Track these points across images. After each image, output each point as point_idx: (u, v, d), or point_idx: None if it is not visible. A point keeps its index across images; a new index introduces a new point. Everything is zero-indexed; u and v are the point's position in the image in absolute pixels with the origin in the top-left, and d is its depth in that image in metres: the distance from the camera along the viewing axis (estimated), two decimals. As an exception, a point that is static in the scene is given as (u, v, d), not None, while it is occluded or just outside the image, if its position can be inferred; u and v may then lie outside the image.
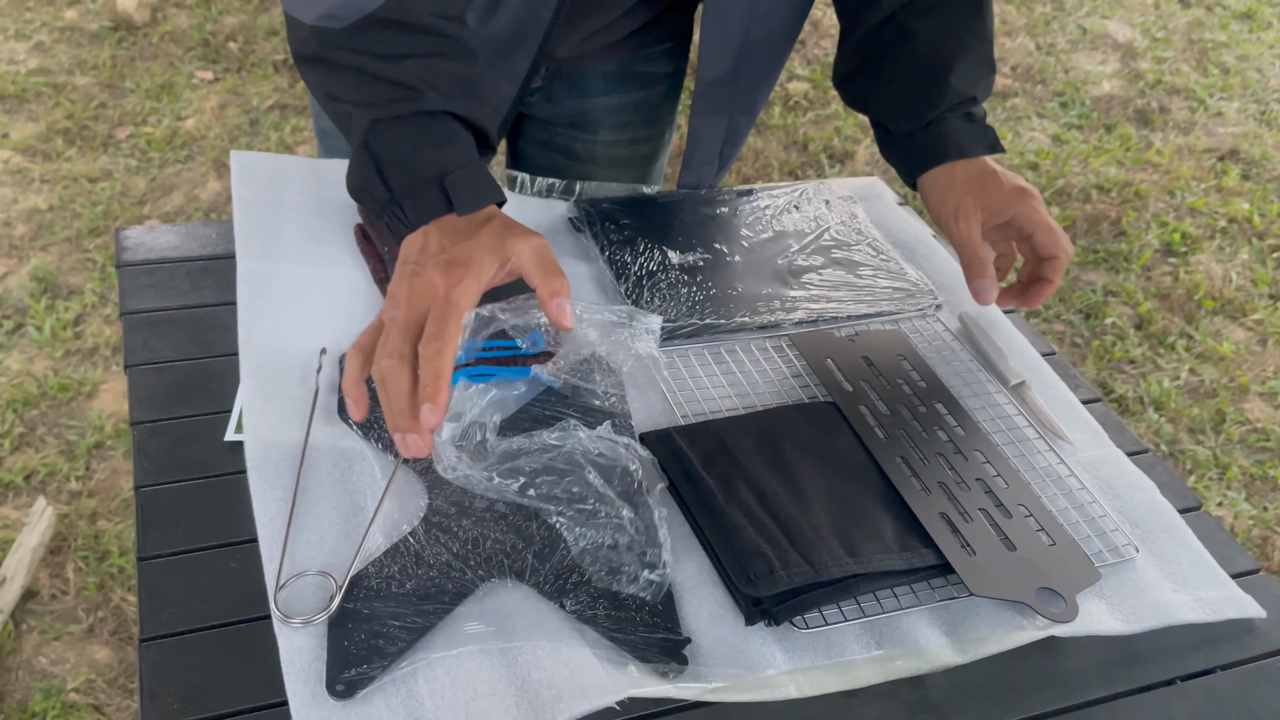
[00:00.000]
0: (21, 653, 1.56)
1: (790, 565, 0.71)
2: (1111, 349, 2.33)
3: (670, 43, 1.14)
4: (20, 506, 1.74)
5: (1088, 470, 0.85)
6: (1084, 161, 2.93)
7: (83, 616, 1.61)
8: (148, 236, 0.96)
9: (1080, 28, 3.60)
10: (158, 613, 0.67)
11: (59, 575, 1.66)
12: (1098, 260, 2.59)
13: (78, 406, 1.92)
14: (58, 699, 1.50)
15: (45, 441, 1.85)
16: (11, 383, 1.95)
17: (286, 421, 0.78)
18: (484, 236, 0.74)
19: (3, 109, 2.68)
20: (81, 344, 2.04)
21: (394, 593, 0.68)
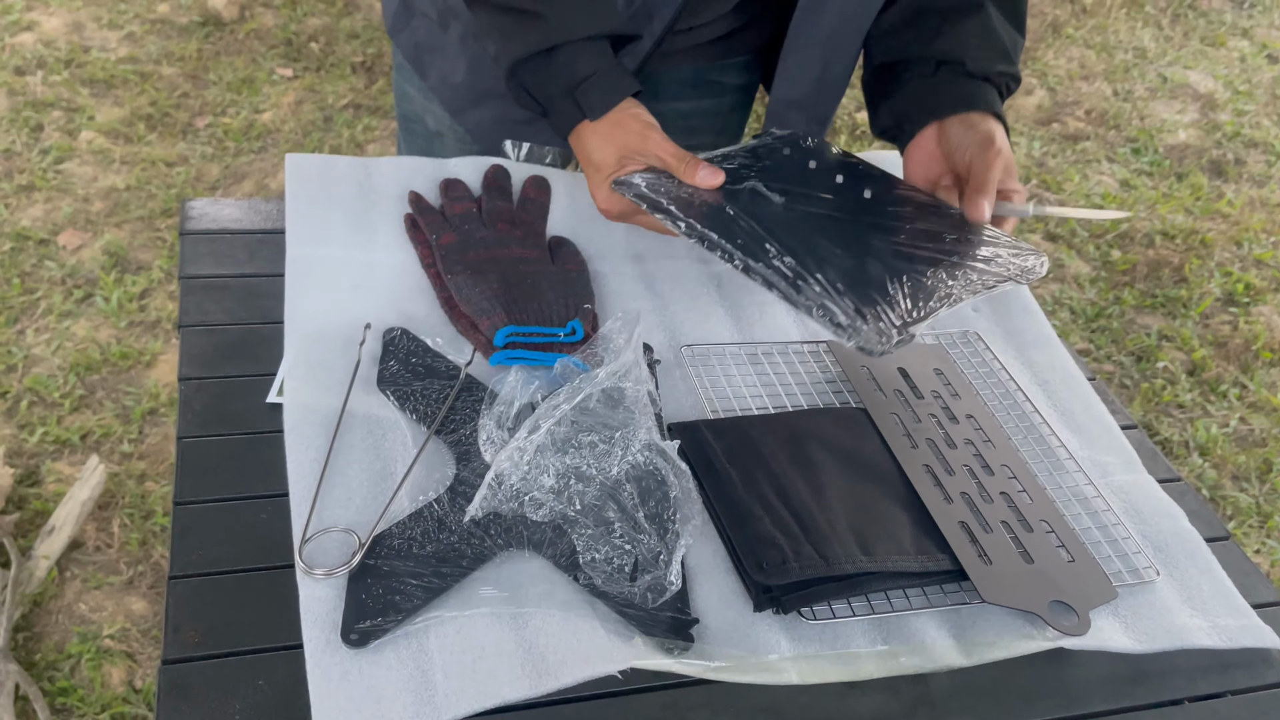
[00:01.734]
0: (63, 598, 1.64)
1: (803, 557, 0.71)
2: (1161, 392, 2.29)
3: (747, 56, 1.15)
4: (75, 464, 1.82)
5: (1116, 494, 0.84)
6: (1151, 207, 2.89)
7: (123, 569, 1.68)
8: (211, 208, 1.00)
9: (1161, 76, 3.56)
10: (188, 553, 0.70)
11: (105, 529, 1.73)
12: (1155, 305, 2.55)
13: (137, 374, 1.99)
14: (93, 644, 1.57)
15: (103, 405, 1.93)
16: (77, 347, 2.02)
17: (326, 389, 0.81)
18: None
19: (91, 93, 2.79)
20: (145, 316, 2.11)
21: (414, 553, 0.70)
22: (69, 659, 1.55)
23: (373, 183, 1.00)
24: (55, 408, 1.92)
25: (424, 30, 1.08)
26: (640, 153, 0.88)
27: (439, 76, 1.09)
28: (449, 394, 0.82)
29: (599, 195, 0.90)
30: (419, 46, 1.10)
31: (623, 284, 0.97)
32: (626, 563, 0.71)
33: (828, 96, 1.07)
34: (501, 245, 0.95)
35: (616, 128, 0.89)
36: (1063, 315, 2.49)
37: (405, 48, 1.11)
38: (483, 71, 1.05)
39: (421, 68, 1.11)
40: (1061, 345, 1.00)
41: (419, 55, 1.10)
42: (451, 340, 0.88)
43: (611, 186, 0.88)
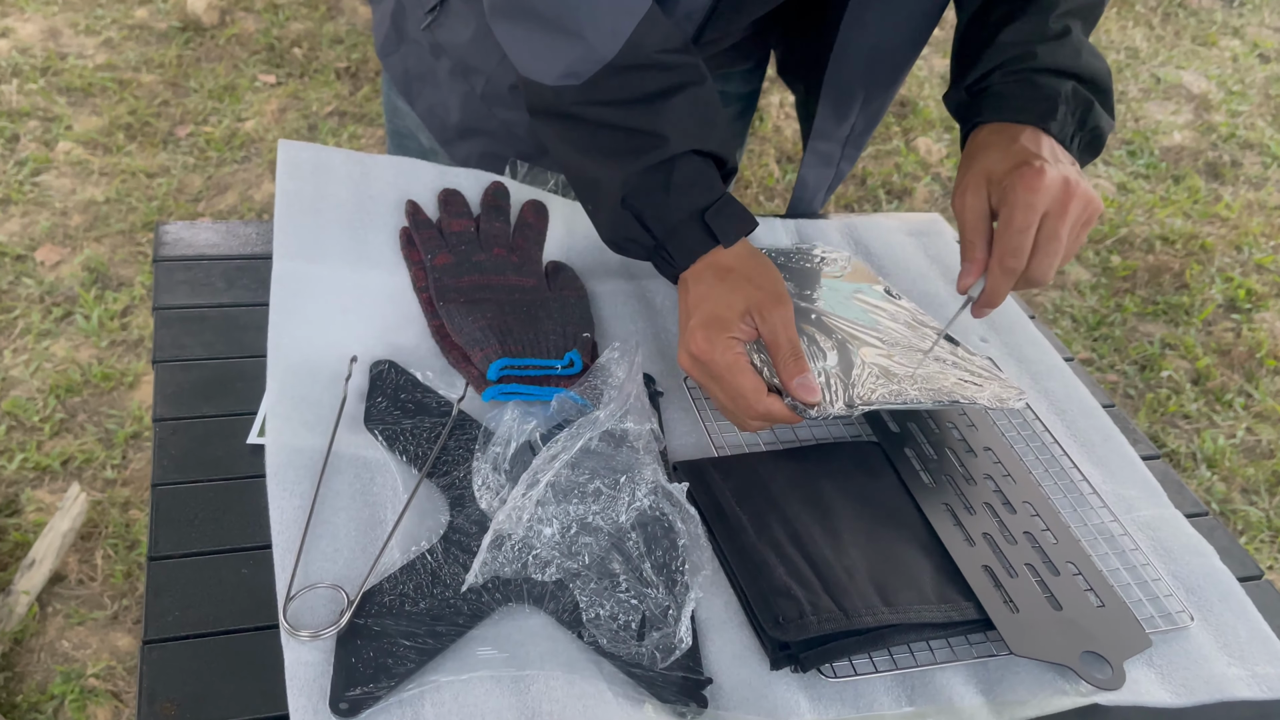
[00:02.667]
0: (45, 635, 1.57)
1: (821, 610, 0.67)
2: (1166, 403, 2.26)
3: (750, 64, 1.12)
4: (55, 491, 1.75)
5: (1143, 530, 0.80)
6: (1149, 212, 2.86)
7: (107, 603, 1.62)
8: (187, 232, 0.95)
9: (1154, 77, 3.54)
10: (164, 614, 0.65)
11: (87, 561, 1.67)
12: (1157, 312, 2.52)
13: (119, 396, 1.93)
14: (77, 683, 1.50)
15: (84, 429, 1.87)
16: (56, 369, 1.96)
17: (310, 428, 0.76)
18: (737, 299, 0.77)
19: (68, 102, 2.72)
20: (127, 335, 2.05)
21: (407, 611, 0.66)
22: (52, 700, 1.49)
23: (369, 183, 0.96)
24: (35, 432, 1.86)
25: (414, 57, 1.04)
26: (765, 317, 0.76)
27: (427, 106, 1.05)
28: (440, 433, 0.78)
29: (705, 339, 0.76)
30: (409, 73, 1.05)
31: (621, 304, 0.94)
32: (633, 619, 0.66)
33: (862, 125, 1.05)
34: (497, 271, 0.91)
35: (752, 280, 0.78)
36: (1064, 324, 2.46)
37: (395, 72, 1.07)
38: (473, 109, 1.00)
39: (410, 95, 1.06)
40: (1075, 374, 0.96)
41: (408, 82, 1.06)
42: (443, 373, 0.83)
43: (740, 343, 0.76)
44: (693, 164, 0.80)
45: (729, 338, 0.76)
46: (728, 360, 0.76)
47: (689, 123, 0.80)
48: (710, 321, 0.76)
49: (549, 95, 0.81)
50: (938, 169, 2.95)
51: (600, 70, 0.78)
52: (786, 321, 0.76)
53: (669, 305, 0.94)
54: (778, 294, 0.78)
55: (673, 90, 0.79)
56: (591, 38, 0.77)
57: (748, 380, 0.75)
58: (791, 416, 0.75)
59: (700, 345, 0.76)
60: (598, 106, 0.79)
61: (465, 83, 0.99)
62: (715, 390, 0.78)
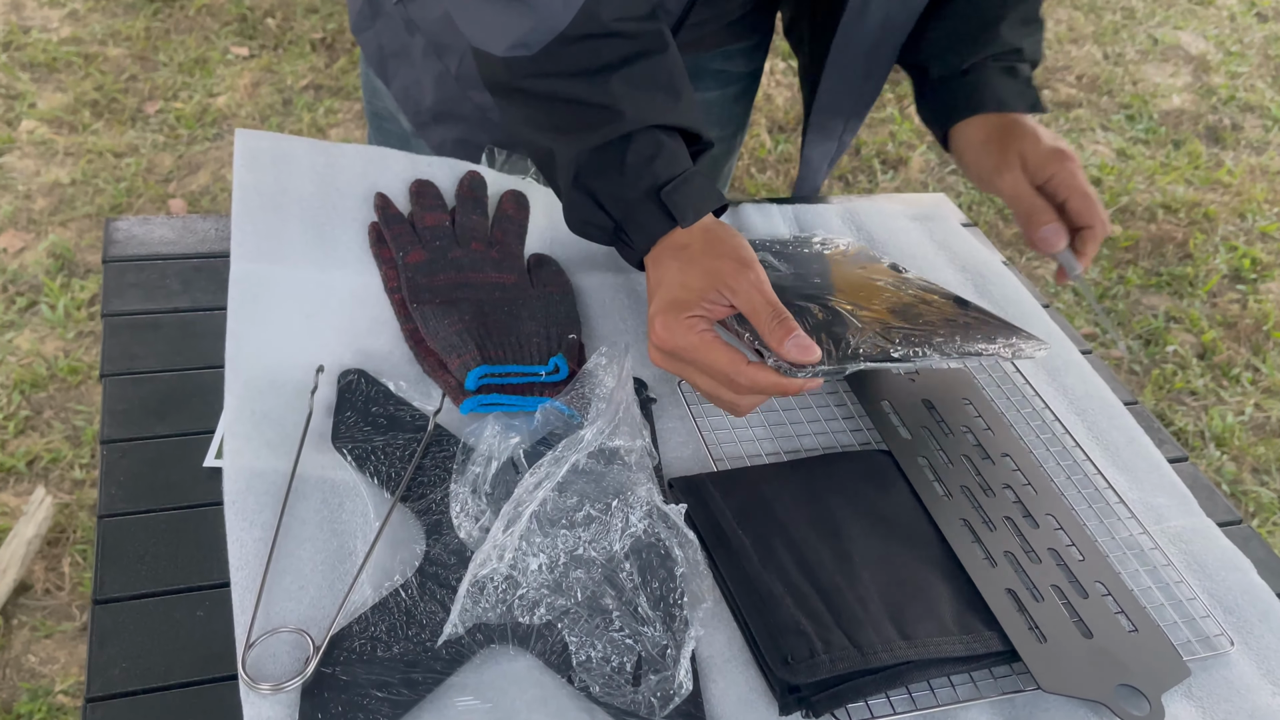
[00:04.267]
0: (11, 649, 1.49)
1: (833, 648, 0.61)
2: (1172, 379, 2.20)
3: (751, 40, 1.05)
4: (21, 493, 1.68)
5: (1174, 543, 0.75)
6: (1150, 179, 2.79)
7: (76, 614, 1.55)
8: (140, 228, 0.88)
9: (1151, 38, 3.46)
10: (109, 667, 0.59)
11: (55, 569, 1.60)
12: (1160, 284, 2.46)
13: (86, 391, 1.85)
14: (45, 701, 1.43)
15: (51, 426, 1.79)
16: (20, 362, 1.88)
17: (273, 448, 0.70)
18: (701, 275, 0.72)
19: (32, 78, 2.62)
20: (95, 325, 1.97)
21: (379, 656, 0.60)
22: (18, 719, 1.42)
23: (334, 175, 0.89)
24: (-2, 431, 1.79)
25: (389, 33, 0.96)
26: (734, 287, 0.71)
27: (402, 87, 0.98)
28: (415, 450, 0.72)
29: (664, 325, 0.71)
30: (383, 50, 0.98)
31: (607, 298, 0.87)
32: (628, 661, 0.61)
33: (866, 99, 1.01)
34: (475, 268, 0.84)
35: (709, 252, 0.73)
36: (1066, 297, 2.39)
37: (369, 49, 1.00)
38: (447, 91, 0.93)
39: (385, 74, 0.99)
40: (1094, 368, 0.90)
41: (383, 60, 0.99)
42: (417, 382, 0.77)
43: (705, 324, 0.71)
44: (652, 139, 0.74)
45: (688, 318, 0.70)
46: (691, 341, 0.70)
47: (647, 95, 0.74)
48: (667, 306, 0.71)
49: (500, 68, 0.75)
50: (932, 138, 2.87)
51: (553, 41, 0.72)
52: (759, 284, 0.70)
53: (661, 301, 0.88)
54: (741, 259, 0.72)
55: (630, 59, 0.74)
56: (542, 6, 0.71)
57: (720, 355, 0.69)
58: (781, 383, 0.69)
59: (660, 334, 0.71)
60: (550, 79, 0.74)
61: (439, 62, 0.92)
62: (693, 376, 0.72)
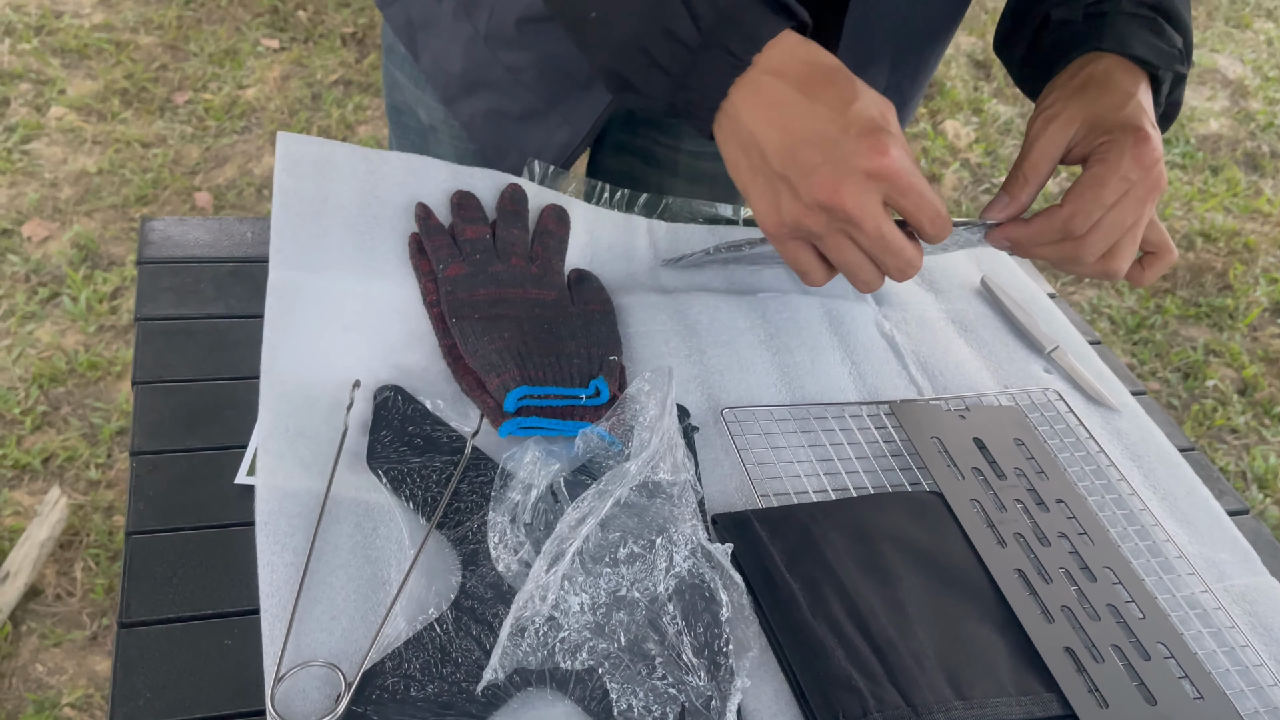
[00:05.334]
0: (18, 657, 1.46)
1: (886, 705, 0.58)
2: (1212, 415, 2.16)
3: None
4: (35, 492, 1.65)
5: (1238, 603, 0.72)
6: (1187, 205, 2.75)
7: (86, 622, 1.52)
8: (175, 230, 0.86)
9: (1185, 59, 3.42)
10: (134, 697, 0.57)
11: (66, 574, 1.57)
12: (1200, 315, 2.42)
13: (105, 388, 1.83)
14: (51, 713, 1.39)
15: (68, 423, 1.77)
16: (40, 355, 1.86)
17: (306, 467, 0.67)
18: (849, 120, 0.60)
19: (62, 63, 2.62)
20: (116, 320, 1.96)
21: (412, 697, 0.57)
22: None
23: (375, 183, 0.87)
24: (15, 426, 1.75)
25: (417, 4, 0.94)
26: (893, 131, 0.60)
27: (432, 58, 0.95)
28: (452, 474, 0.69)
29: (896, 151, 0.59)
30: (411, 23, 0.95)
31: (649, 317, 0.84)
32: (671, 712, 0.58)
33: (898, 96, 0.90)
34: (515, 284, 0.82)
35: (844, 69, 0.61)
36: (1102, 325, 2.36)
37: (396, 23, 0.97)
38: (477, 55, 0.90)
39: (414, 47, 0.96)
40: (1149, 412, 0.87)
41: (411, 33, 0.96)
42: (455, 401, 0.75)
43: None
44: None
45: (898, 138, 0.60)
46: (911, 166, 0.60)
47: None
48: (872, 128, 0.59)
49: None
50: (966, 154, 2.84)
51: None
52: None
53: (707, 322, 0.85)
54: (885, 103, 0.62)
55: None
56: None
57: (930, 193, 0.61)
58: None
59: (880, 156, 0.59)
60: None
61: (468, 23, 0.89)
62: (847, 253, 0.62)
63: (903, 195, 0.61)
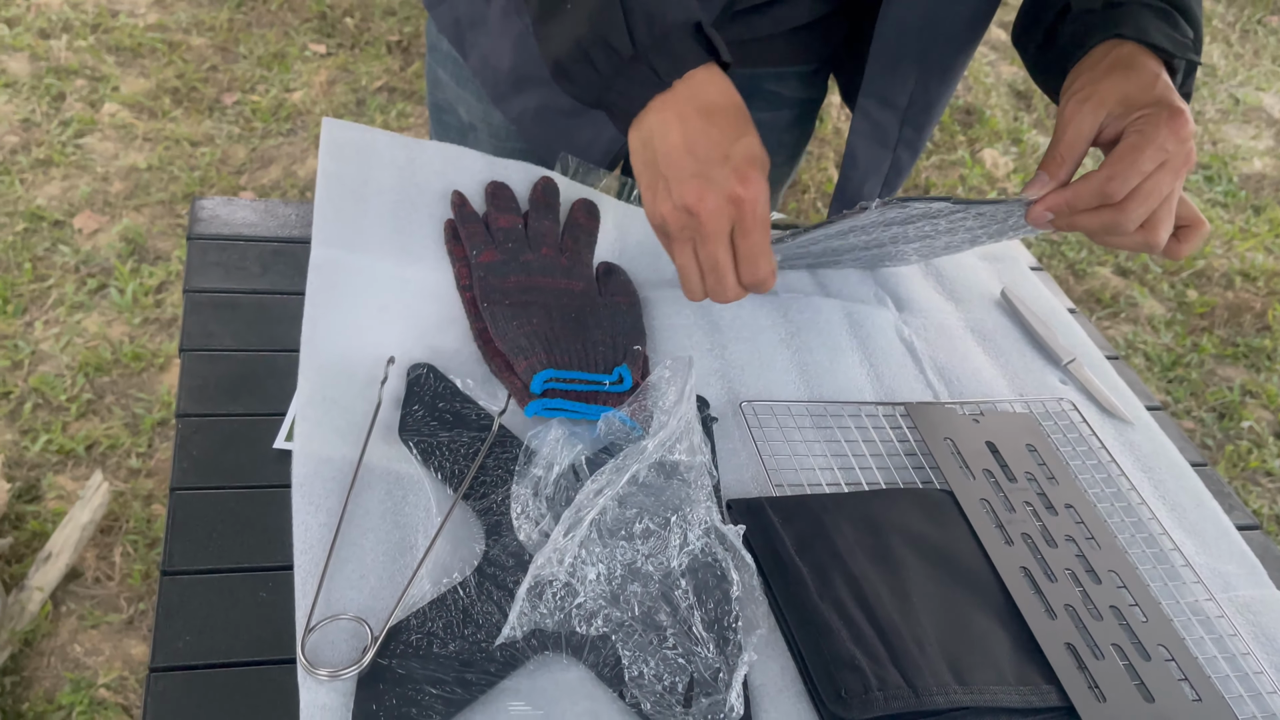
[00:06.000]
0: (58, 636, 1.49)
1: (888, 686, 0.61)
2: (1247, 456, 2.15)
3: (808, 66, 1.04)
4: (78, 477, 1.69)
5: (1242, 613, 0.73)
6: (1228, 243, 2.75)
7: (124, 606, 1.55)
8: (224, 209, 0.90)
9: (1233, 98, 3.42)
10: (173, 639, 0.60)
11: (106, 558, 1.60)
12: (1237, 355, 2.41)
13: (148, 379, 1.88)
14: (87, 693, 1.42)
15: (112, 411, 1.81)
16: (87, 345, 1.91)
17: (341, 435, 0.71)
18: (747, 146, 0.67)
19: (116, 61, 2.69)
20: (161, 313, 2.01)
21: (435, 653, 0.60)
22: (59, 711, 1.42)
23: (414, 170, 0.90)
24: (61, 412, 1.79)
25: (465, 3, 0.97)
26: (765, 167, 0.67)
27: (480, 57, 0.98)
28: (479, 449, 0.72)
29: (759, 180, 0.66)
30: (459, 22, 0.99)
31: (676, 313, 0.87)
32: (680, 681, 0.60)
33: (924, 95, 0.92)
34: (545, 273, 0.85)
35: (750, 124, 0.68)
36: (1137, 361, 2.36)
37: (444, 23, 1.00)
38: (526, 51, 0.93)
39: (462, 46, 1.00)
40: (1162, 426, 0.89)
41: (459, 32, 0.99)
42: (484, 381, 0.78)
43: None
44: None
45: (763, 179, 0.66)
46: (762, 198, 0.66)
47: None
48: (751, 160, 0.66)
49: None
50: (1004, 183, 2.85)
51: None
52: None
53: (730, 319, 0.88)
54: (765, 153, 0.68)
55: None
56: None
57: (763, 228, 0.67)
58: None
59: (747, 185, 0.66)
60: None
61: (517, 20, 0.92)
62: (713, 248, 0.67)
63: (743, 234, 0.67)
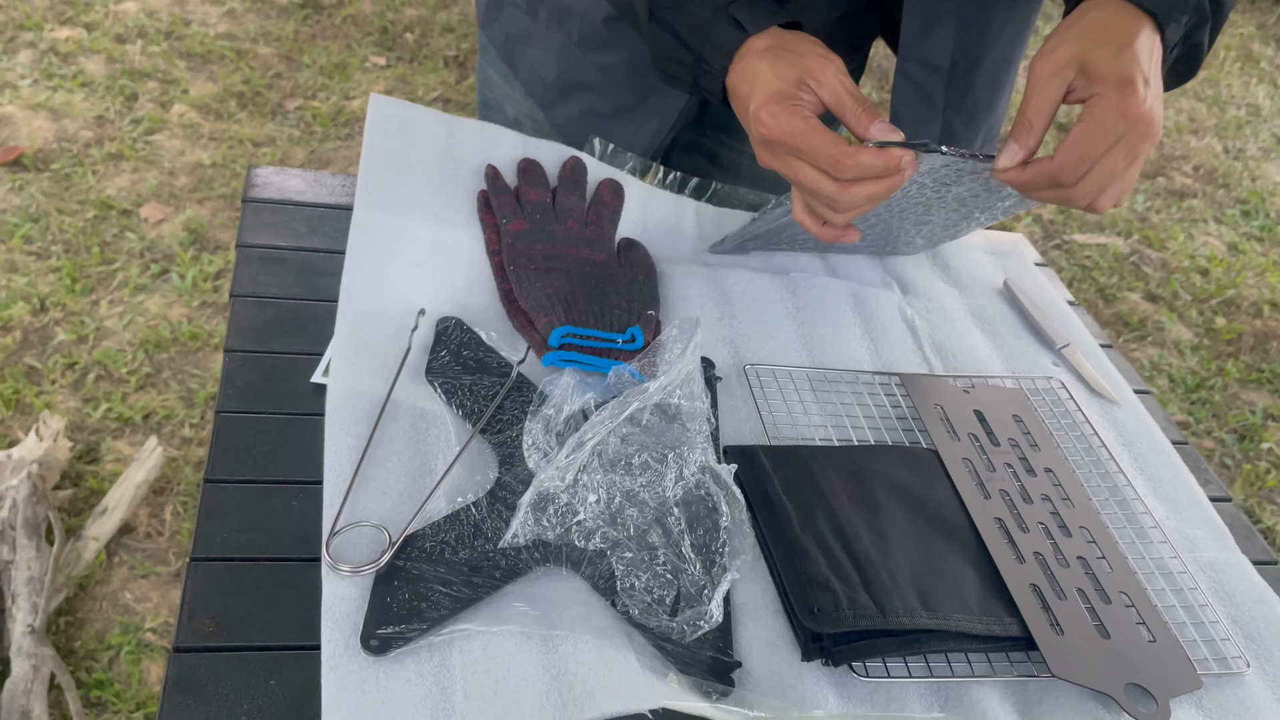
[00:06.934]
0: (110, 584, 1.60)
1: (858, 606, 0.66)
2: (1264, 476, 2.17)
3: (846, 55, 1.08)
4: (134, 443, 1.80)
5: (1205, 571, 0.77)
6: (1260, 274, 2.76)
7: (171, 560, 1.65)
8: (276, 177, 0.98)
9: (1275, 136, 3.42)
10: (213, 535, 0.67)
11: (157, 515, 1.70)
12: (1261, 380, 2.43)
13: (204, 357, 1.98)
14: (134, 636, 1.52)
15: (168, 385, 1.92)
16: (148, 323, 2.02)
17: (373, 373, 0.78)
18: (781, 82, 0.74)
19: (187, 66, 2.82)
20: (218, 298, 2.11)
21: (446, 559, 0.66)
22: (109, 650, 1.52)
23: (453, 145, 0.98)
24: (121, 384, 1.91)
25: (514, 21, 1.05)
26: (820, 79, 0.73)
27: (530, 69, 1.06)
28: (498, 392, 0.79)
29: (769, 114, 0.73)
30: (509, 39, 1.07)
31: (689, 284, 0.93)
32: (668, 594, 0.66)
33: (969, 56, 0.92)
34: (570, 243, 0.92)
35: (794, 49, 0.75)
36: (1160, 383, 2.38)
37: (496, 40, 1.09)
38: (570, 60, 1.01)
39: (513, 61, 1.08)
40: (1147, 408, 0.93)
41: (510, 48, 1.08)
42: (506, 336, 0.84)
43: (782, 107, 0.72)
44: None
45: (791, 104, 0.72)
46: (796, 125, 0.72)
47: None
48: (768, 98, 0.73)
49: None
50: (1039, 209, 2.89)
51: None
52: (841, 75, 0.73)
53: (740, 292, 0.94)
54: (824, 53, 0.74)
55: None
56: None
57: (826, 137, 0.71)
58: (885, 160, 0.70)
59: (767, 123, 0.73)
60: None
61: (561, 31, 1.00)
62: (797, 169, 0.73)
63: (794, 152, 0.73)
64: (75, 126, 2.51)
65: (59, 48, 2.76)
